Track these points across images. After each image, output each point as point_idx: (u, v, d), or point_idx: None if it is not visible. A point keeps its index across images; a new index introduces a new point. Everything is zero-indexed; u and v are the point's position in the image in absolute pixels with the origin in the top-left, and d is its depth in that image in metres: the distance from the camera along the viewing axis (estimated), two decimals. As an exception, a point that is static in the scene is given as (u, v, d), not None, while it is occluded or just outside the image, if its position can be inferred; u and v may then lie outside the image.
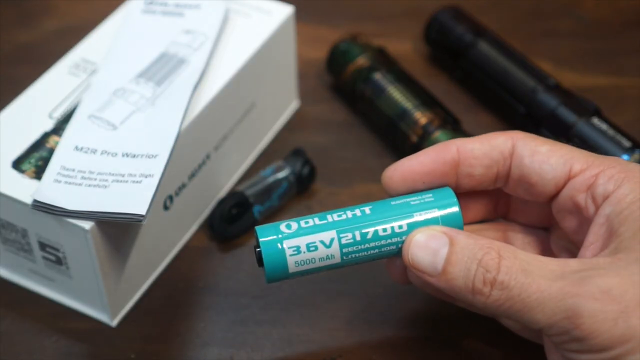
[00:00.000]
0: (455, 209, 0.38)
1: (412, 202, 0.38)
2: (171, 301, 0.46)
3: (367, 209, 0.38)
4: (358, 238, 0.37)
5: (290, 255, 0.37)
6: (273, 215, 0.50)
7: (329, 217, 0.38)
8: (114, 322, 0.45)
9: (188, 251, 0.48)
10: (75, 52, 0.49)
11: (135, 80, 0.46)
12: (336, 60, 0.56)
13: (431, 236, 0.37)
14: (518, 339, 0.41)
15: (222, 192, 0.51)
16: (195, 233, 0.49)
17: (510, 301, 0.34)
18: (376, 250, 0.38)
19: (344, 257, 0.38)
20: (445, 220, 0.38)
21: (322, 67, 0.58)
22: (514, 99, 0.54)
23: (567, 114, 0.51)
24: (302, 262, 0.37)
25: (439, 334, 0.44)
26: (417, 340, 0.44)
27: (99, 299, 0.43)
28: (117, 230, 0.42)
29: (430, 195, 0.39)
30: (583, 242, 0.37)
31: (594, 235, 0.36)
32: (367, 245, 0.38)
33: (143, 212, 0.40)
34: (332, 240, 0.37)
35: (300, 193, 0.51)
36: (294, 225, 0.38)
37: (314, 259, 0.37)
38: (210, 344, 0.44)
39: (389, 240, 0.38)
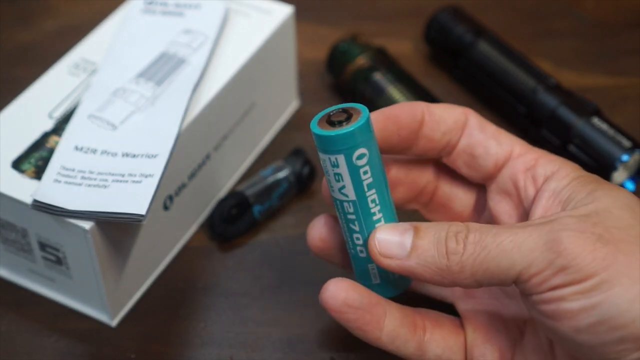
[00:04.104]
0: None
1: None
2: (171, 301, 0.46)
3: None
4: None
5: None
6: (273, 215, 0.50)
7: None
8: (114, 322, 0.45)
9: (188, 251, 0.48)
10: (75, 52, 0.49)
11: (135, 80, 0.46)
12: (336, 60, 0.56)
13: (394, 225, 0.37)
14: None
15: (222, 192, 0.51)
16: (195, 233, 0.49)
17: (486, 250, 0.34)
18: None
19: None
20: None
21: (322, 67, 0.58)
22: (514, 99, 0.54)
23: (567, 114, 0.51)
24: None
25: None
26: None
27: (99, 299, 0.43)
28: (117, 230, 0.42)
29: None
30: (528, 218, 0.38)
31: (543, 209, 0.37)
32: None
33: (143, 212, 0.40)
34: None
35: (300, 193, 0.51)
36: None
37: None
38: (210, 344, 0.44)
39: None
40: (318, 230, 0.41)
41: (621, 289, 0.32)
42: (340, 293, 0.38)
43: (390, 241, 0.37)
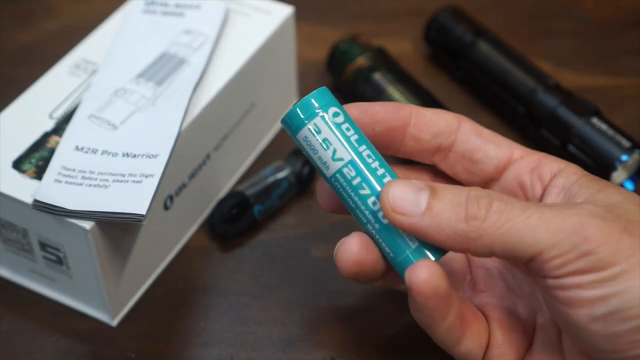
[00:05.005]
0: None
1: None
2: (171, 301, 0.46)
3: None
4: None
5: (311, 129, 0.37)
6: (273, 215, 0.50)
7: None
8: (115, 322, 0.45)
9: (188, 251, 0.48)
10: (76, 52, 0.49)
11: (135, 80, 0.46)
12: (336, 60, 0.56)
13: (407, 181, 0.36)
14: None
15: (222, 192, 0.51)
16: (195, 233, 0.49)
17: (511, 222, 0.34)
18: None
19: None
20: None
21: (322, 67, 0.58)
22: (514, 99, 0.54)
23: (567, 114, 0.51)
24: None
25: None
26: (418, 340, 0.44)
27: (100, 299, 0.44)
28: (117, 230, 0.42)
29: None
30: None
31: (553, 202, 0.37)
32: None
33: (143, 212, 0.40)
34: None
35: (300, 193, 0.51)
36: (341, 117, 0.37)
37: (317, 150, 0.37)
38: (210, 344, 0.44)
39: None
40: (352, 249, 0.37)
41: None
42: (433, 279, 0.35)
43: (404, 197, 0.35)
